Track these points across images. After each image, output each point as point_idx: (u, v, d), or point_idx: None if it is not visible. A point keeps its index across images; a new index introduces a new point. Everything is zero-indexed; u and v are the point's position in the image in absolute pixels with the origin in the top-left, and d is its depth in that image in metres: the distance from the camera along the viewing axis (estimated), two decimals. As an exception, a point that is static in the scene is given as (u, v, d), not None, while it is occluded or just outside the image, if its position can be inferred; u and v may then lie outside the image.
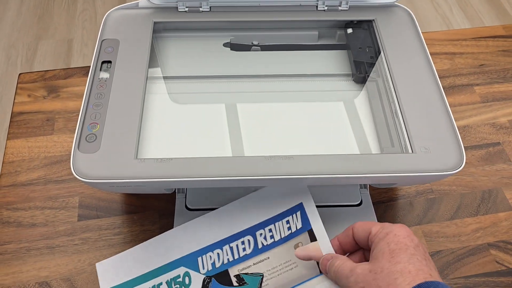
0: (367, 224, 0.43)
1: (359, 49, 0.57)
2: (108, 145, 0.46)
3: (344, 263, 0.42)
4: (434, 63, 0.73)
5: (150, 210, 0.57)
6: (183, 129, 0.52)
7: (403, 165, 0.45)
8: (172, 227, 0.52)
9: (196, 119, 0.53)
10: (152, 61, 0.55)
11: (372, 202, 0.56)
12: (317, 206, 0.54)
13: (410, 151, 0.47)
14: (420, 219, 0.57)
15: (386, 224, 0.42)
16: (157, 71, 0.56)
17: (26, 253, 0.53)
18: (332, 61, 0.59)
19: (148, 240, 0.49)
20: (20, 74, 0.69)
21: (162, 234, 0.49)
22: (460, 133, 0.65)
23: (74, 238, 0.54)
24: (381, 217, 0.57)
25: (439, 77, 0.71)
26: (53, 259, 0.53)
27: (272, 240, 0.48)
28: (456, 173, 0.45)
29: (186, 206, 0.55)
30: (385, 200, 0.59)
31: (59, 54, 1.60)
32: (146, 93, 0.51)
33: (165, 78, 0.56)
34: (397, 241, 0.39)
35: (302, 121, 0.52)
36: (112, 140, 0.46)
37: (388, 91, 0.52)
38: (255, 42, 0.60)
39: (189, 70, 0.58)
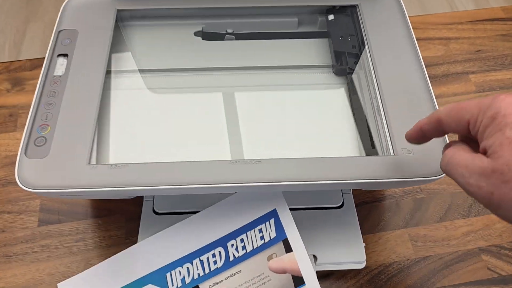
0: (458, 112, 0.32)
1: (341, 37, 0.52)
2: (58, 150, 0.42)
3: (457, 154, 0.32)
4: (427, 49, 0.68)
5: (117, 214, 0.53)
6: (147, 130, 0.48)
7: (382, 170, 0.41)
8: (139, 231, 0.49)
9: (162, 118, 0.48)
10: (115, 54, 0.51)
11: (355, 203, 0.52)
12: (294, 209, 0.51)
13: (391, 153, 0.42)
14: (407, 221, 0.53)
15: (483, 102, 0.30)
16: (120, 64, 0.52)
17: (-18, 262, 0.50)
18: (312, 51, 0.54)
19: (113, 257, 0.45)
20: (-18, 65, 0.64)
21: (127, 249, 0.46)
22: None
23: (33, 245, 0.51)
24: (365, 219, 0.53)
25: (432, 65, 0.66)
26: (10, 268, 0.49)
27: (244, 251, 0.44)
28: (440, 178, 0.41)
29: (153, 210, 0.51)
30: (369, 201, 0.54)
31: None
32: (106, 89, 0.47)
33: (128, 72, 0.52)
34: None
35: (275, 119, 0.48)
36: (64, 144, 0.42)
37: (370, 85, 0.48)
38: (229, 30, 0.55)
39: (156, 63, 0.53)
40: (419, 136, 0.37)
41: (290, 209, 0.51)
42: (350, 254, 0.48)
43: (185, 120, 0.48)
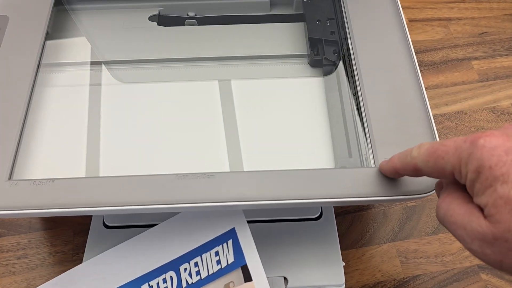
0: (436, 163, 0.27)
1: (317, 22, 0.44)
2: (-26, 162, 0.35)
3: (452, 209, 0.27)
4: (424, 31, 0.60)
5: (64, 226, 0.47)
6: (80, 137, 0.40)
7: (361, 185, 0.34)
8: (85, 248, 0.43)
9: (104, 121, 0.41)
10: (51, 43, 0.44)
11: (336, 213, 0.45)
12: (266, 221, 0.45)
13: (372, 164, 0.35)
14: (395, 234, 0.46)
15: (462, 149, 0.26)
16: (57, 56, 0.44)
17: None
18: (285, 37, 0.46)
19: (51, 280, 0.39)
20: None
21: (67, 272, 0.39)
22: (452, 120, 0.53)
23: (-32, 263, 0.45)
24: (347, 232, 0.47)
25: (430, 50, 0.58)
26: None
27: (199, 277, 0.38)
28: (427, 195, 0.34)
29: (104, 224, 0.44)
30: (351, 210, 0.48)
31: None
32: (38, 85, 0.40)
33: (66, 65, 0.44)
34: (502, 173, 0.24)
35: (236, 121, 0.41)
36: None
37: (350, 80, 0.40)
38: (191, 14, 0.47)
39: (100, 54, 0.45)
40: (394, 175, 0.34)
41: (259, 221, 0.44)
42: (327, 276, 0.42)
43: (132, 121, 0.41)
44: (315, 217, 0.45)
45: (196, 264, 0.38)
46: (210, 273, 0.38)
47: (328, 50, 0.43)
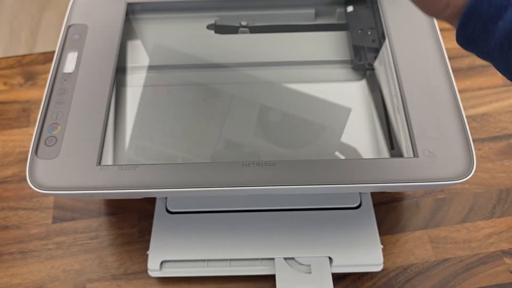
0: None
1: (360, 31, 0.49)
2: (69, 150, 0.41)
3: None
4: (452, 39, 0.65)
5: (130, 211, 0.52)
6: (159, 129, 0.46)
7: (402, 173, 0.39)
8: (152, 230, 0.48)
9: (175, 116, 0.47)
10: (126, 49, 0.50)
11: (373, 203, 0.50)
12: (311, 209, 0.50)
13: (412, 155, 0.41)
14: (427, 222, 0.51)
15: None
16: (131, 60, 0.50)
17: (-2, 258, 0.50)
18: (330, 44, 0.51)
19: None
20: (-4, 59, 0.64)
21: None
22: (478, 121, 0.58)
23: (48, 242, 0.51)
24: (383, 221, 0.52)
25: (457, 57, 0.63)
26: (25, 264, 0.50)
27: None
28: (463, 181, 0.39)
29: (167, 209, 0.50)
30: (387, 201, 0.53)
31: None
32: (117, 86, 0.46)
33: (139, 68, 0.50)
34: None
35: (291, 117, 0.46)
36: (74, 143, 0.41)
37: (390, 82, 0.46)
38: (243, 23, 0.53)
39: (168, 59, 0.51)
40: None
41: (306, 209, 0.50)
42: (367, 257, 0.47)
43: (198, 117, 0.47)
44: (355, 206, 0.50)
45: None
46: None
47: (369, 56, 0.48)
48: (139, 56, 0.51)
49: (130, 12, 0.51)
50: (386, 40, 0.47)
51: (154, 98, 0.48)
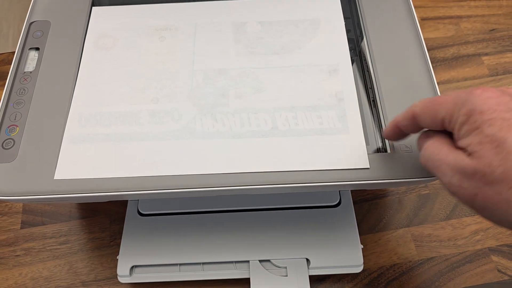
0: (433, 108, 0.30)
1: (335, 21, 0.47)
2: (26, 153, 0.39)
3: (438, 149, 0.30)
4: (436, 29, 0.63)
5: (101, 215, 0.50)
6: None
7: (378, 169, 0.37)
8: (122, 234, 0.46)
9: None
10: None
11: (353, 201, 0.48)
12: (288, 209, 0.48)
13: (388, 150, 0.38)
14: (410, 219, 0.49)
15: (459, 98, 0.29)
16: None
17: (-36, 267, 0.48)
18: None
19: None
20: (-34, 59, 0.62)
21: None
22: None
23: (16, 248, 0.49)
24: (364, 219, 0.49)
25: (441, 46, 0.61)
26: (-8, 272, 0.48)
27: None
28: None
29: (138, 211, 0.48)
30: (369, 198, 0.51)
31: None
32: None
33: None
34: (490, 118, 0.26)
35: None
36: (32, 146, 0.39)
37: (366, 74, 0.43)
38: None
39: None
40: (396, 133, 0.35)
41: (283, 209, 0.48)
42: (347, 258, 0.45)
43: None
44: (334, 204, 0.48)
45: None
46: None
47: (344, 47, 0.46)
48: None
49: (97, 5, 0.49)
50: (362, 30, 0.45)
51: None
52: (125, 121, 0.41)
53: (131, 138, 0.40)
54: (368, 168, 0.37)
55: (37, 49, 0.45)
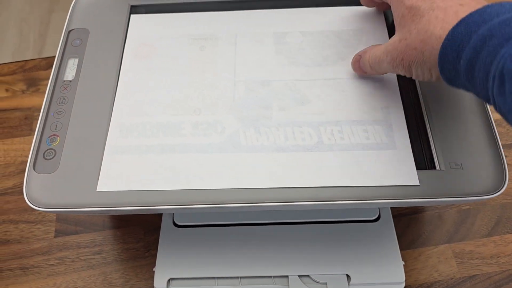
0: None
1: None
2: (68, 164, 0.39)
3: (373, 50, 0.39)
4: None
5: (135, 225, 0.50)
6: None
7: (426, 187, 0.36)
8: (158, 245, 0.46)
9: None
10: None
11: (392, 215, 0.47)
12: (326, 223, 0.47)
13: (437, 167, 0.37)
14: (451, 236, 0.48)
15: None
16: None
17: (-2, 275, 0.48)
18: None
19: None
20: (-2, 65, 0.62)
21: None
22: (503, 127, 0.54)
23: (50, 257, 0.48)
24: (403, 234, 0.48)
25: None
26: (26, 281, 0.47)
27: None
28: (494, 196, 0.36)
29: (174, 223, 0.47)
30: (407, 213, 0.49)
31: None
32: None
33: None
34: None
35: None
36: (74, 157, 0.39)
37: (411, 89, 0.42)
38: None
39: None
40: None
41: (320, 223, 0.47)
42: (388, 274, 0.44)
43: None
44: (374, 218, 0.47)
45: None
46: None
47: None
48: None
49: (135, 11, 0.48)
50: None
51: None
52: (168, 132, 0.40)
53: (174, 150, 0.39)
54: (418, 185, 0.36)
55: (76, 57, 0.44)
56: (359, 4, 0.45)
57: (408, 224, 0.49)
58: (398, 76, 0.43)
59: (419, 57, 0.33)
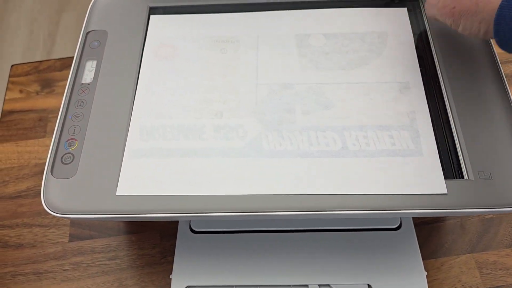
0: None
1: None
2: (86, 169, 0.38)
3: None
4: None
5: (151, 230, 0.49)
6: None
7: (455, 197, 0.35)
8: (175, 252, 0.45)
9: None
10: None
11: (414, 224, 0.46)
12: (348, 230, 0.46)
13: (466, 177, 0.36)
14: (473, 245, 0.47)
15: None
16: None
17: (11, 279, 0.47)
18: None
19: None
20: (12, 65, 0.61)
21: None
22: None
23: (64, 262, 0.48)
24: (425, 243, 0.47)
25: (509, 61, 0.58)
26: (40, 286, 0.46)
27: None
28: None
29: (190, 229, 0.46)
30: (429, 222, 0.48)
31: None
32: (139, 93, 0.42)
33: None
34: None
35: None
36: (93, 161, 0.38)
37: (437, 94, 0.41)
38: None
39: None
40: None
41: (341, 230, 0.46)
42: (410, 284, 0.42)
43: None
44: (395, 227, 0.46)
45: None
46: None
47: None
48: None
49: (154, 12, 0.47)
50: (431, 47, 0.43)
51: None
52: (189, 135, 0.39)
53: (195, 153, 0.38)
54: (445, 194, 0.35)
55: (95, 59, 0.44)
56: (383, 6, 0.44)
57: (430, 232, 0.48)
58: (424, 80, 0.42)
59: (472, 8, 0.32)
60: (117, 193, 0.36)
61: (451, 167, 0.38)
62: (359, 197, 0.36)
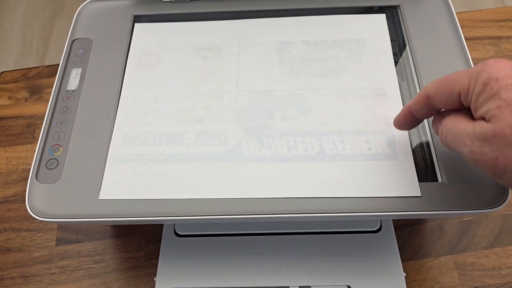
0: (447, 85, 0.31)
1: (380, 43, 0.46)
2: (70, 174, 0.39)
3: (457, 123, 0.31)
4: (475, 49, 0.62)
5: (136, 234, 0.50)
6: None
7: (428, 200, 0.36)
8: (159, 254, 0.45)
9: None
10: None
11: (394, 226, 0.47)
12: (327, 233, 0.47)
13: (439, 179, 0.37)
14: (452, 247, 0.48)
15: (473, 71, 0.30)
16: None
17: (-1, 283, 0.48)
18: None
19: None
20: (1, 72, 0.62)
21: None
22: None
23: (51, 266, 0.48)
24: (405, 245, 0.48)
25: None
26: (27, 290, 0.47)
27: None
28: (496, 210, 0.36)
29: (175, 232, 0.47)
30: (409, 224, 0.49)
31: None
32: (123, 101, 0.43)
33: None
34: (507, 84, 0.28)
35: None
36: (77, 167, 0.39)
37: (412, 96, 0.42)
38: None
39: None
40: (408, 120, 0.36)
41: (321, 233, 0.47)
42: (389, 286, 0.43)
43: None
44: (375, 229, 0.47)
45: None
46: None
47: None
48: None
49: (139, 20, 0.48)
50: (408, 53, 0.44)
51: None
52: (170, 141, 0.40)
53: (176, 159, 0.39)
54: (419, 197, 0.36)
55: (79, 67, 0.45)
56: (361, 12, 0.46)
57: (410, 235, 0.49)
58: (400, 86, 0.43)
59: None
60: (100, 197, 0.37)
61: (425, 171, 0.39)
62: (336, 200, 0.37)
